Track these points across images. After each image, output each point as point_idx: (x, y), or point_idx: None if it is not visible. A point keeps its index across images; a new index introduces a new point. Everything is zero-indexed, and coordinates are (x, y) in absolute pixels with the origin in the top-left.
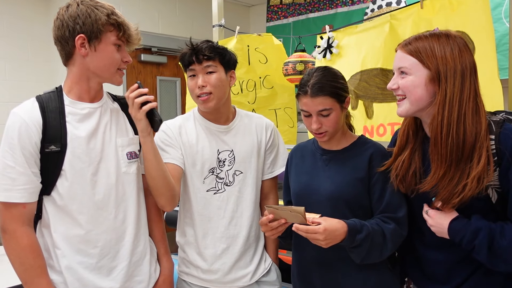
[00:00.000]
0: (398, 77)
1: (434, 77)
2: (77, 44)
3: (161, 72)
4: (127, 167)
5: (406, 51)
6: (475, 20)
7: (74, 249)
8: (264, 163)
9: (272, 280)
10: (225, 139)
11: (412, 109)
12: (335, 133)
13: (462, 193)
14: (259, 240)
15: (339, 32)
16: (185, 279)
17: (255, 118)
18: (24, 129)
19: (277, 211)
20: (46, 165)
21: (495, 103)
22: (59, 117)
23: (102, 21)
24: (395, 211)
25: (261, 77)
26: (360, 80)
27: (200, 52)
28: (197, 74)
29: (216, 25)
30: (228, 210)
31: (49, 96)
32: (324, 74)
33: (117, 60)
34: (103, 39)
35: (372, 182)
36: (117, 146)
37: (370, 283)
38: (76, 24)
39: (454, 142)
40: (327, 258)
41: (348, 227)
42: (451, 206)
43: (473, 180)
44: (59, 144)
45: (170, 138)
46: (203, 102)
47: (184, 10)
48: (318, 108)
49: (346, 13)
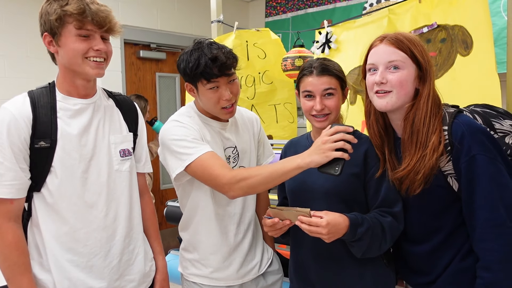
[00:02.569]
0: (385, 71)
1: (419, 73)
2: (45, 43)
3: (160, 68)
4: (120, 165)
5: (396, 46)
6: (474, 14)
7: (64, 247)
8: (257, 154)
9: (275, 269)
10: (227, 136)
11: (397, 104)
12: (335, 121)
13: (423, 167)
14: (258, 230)
15: (338, 27)
16: (195, 281)
17: (243, 111)
18: (13, 124)
19: (282, 212)
20: (35, 161)
21: (493, 97)
22: (50, 112)
23: (58, 14)
24: (391, 206)
25: (260, 73)
26: (358, 75)
27: (226, 64)
28: (220, 86)
29: (215, 21)
30: (237, 207)
31: (41, 91)
32: (326, 59)
33: (80, 50)
34: (63, 33)
35: (368, 177)
36: (110, 143)
37: (366, 279)
38: (41, 24)
39: (425, 131)
40: (323, 255)
41: (349, 221)
42: (416, 186)
43: (430, 151)
44: (49, 140)
45: (196, 131)
46: (229, 113)
47: (183, 6)
48: (324, 87)
49: (345, 7)
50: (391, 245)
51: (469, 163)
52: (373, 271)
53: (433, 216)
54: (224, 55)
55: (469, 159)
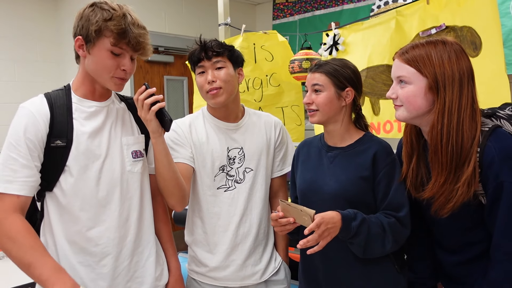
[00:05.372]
0: (396, 86)
1: (432, 86)
2: (76, 45)
3: (168, 72)
4: (132, 166)
5: (404, 60)
6: (482, 15)
7: (75, 248)
8: (273, 161)
9: (281, 279)
10: (235, 137)
11: (410, 116)
12: (326, 119)
13: (455, 197)
14: (268, 238)
15: (345, 29)
16: (195, 278)
17: (264, 116)
18: (32, 122)
19: (289, 207)
20: (50, 160)
21: (502, 98)
22: (66, 113)
23: (99, 25)
24: (396, 210)
25: (267, 75)
26: (366, 77)
27: (209, 48)
28: (206, 70)
29: (222, 24)
30: (238, 208)
31: (57, 93)
32: (334, 59)
33: (109, 66)
34: (97, 44)
35: (377, 181)
36: (122, 145)
37: (374, 281)
38: (78, 25)
39: (454, 150)
40: (332, 256)
41: (341, 215)
42: (445, 212)
43: (464, 184)
44: (65, 139)
45: (180, 137)
46: (213, 97)
47: (190, 9)
48: (312, 82)
49: (352, 10)
50: (398, 247)
51: (495, 188)
52: (382, 275)
53: (465, 231)
54: (213, 42)
55: (497, 185)
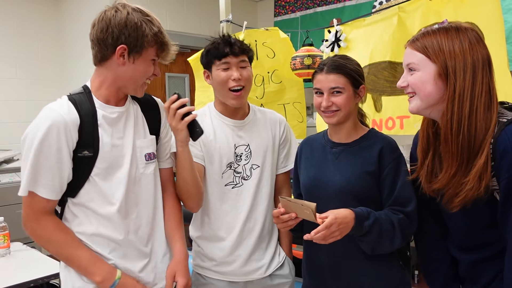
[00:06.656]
0: (407, 74)
1: (441, 72)
2: (117, 53)
3: (169, 69)
4: (145, 168)
5: (414, 47)
6: (485, 11)
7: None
8: (278, 157)
9: (285, 274)
10: (241, 134)
11: (422, 106)
12: (345, 117)
13: (464, 191)
14: (272, 233)
15: (347, 26)
16: (200, 272)
17: (268, 113)
18: (63, 128)
19: (290, 203)
20: (76, 169)
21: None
22: (92, 121)
23: (149, 38)
24: (403, 205)
25: (269, 72)
26: (368, 73)
27: (235, 45)
28: (231, 67)
29: (224, 21)
30: (245, 204)
31: (80, 97)
32: (342, 57)
33: (147, 74)
34: (143, 54)
35: (383, 176)
36: (136, 147)
37: (380, 278)
38: (122, 33)
39: (466, 139)
40: (336, 252)
41: (355, 214)
42: (454, 206)
43: (475, 176)
44: (91, 149)
45: None
46: (236, 97)
47: (192, 6)
48: (331, 85)
49: (354, 6)
50: (405, 243)
51: (508, 180)
52: (387, 270)
53: (478, 230)
54: (234, 40)
55: (510, 176)
